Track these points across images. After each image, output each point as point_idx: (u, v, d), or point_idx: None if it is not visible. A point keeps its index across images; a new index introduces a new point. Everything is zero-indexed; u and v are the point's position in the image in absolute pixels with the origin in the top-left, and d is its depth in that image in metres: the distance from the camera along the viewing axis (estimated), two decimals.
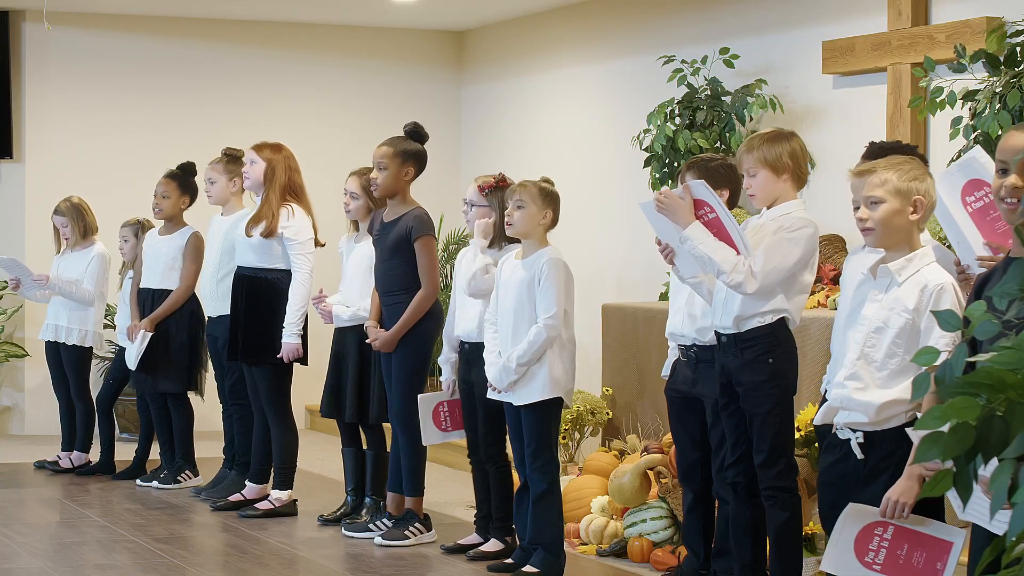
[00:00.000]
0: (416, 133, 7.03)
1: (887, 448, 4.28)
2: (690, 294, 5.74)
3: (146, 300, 8.53)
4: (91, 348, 9.18)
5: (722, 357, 5.35)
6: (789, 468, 5.27)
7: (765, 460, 5.24)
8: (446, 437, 6.98)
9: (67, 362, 9.16)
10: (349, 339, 7.30)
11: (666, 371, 6.08)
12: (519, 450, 6.25)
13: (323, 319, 7.52)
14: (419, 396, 6.87)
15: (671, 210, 5.25)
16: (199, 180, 8.50)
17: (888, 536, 4.17)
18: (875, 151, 4.91)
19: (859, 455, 4.33)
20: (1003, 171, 3.80)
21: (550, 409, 6.20)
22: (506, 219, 6.23)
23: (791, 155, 5.30)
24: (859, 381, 4.32)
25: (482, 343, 6.49)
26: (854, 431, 4.35)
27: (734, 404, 5.32)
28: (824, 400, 4.50)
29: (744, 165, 5.34)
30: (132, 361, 8.47)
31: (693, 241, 5.18)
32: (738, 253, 5.14)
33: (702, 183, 5.27)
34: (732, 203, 5.84)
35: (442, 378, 6.96)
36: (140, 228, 8.91)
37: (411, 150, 6.97)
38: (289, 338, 7.55)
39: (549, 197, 6.22)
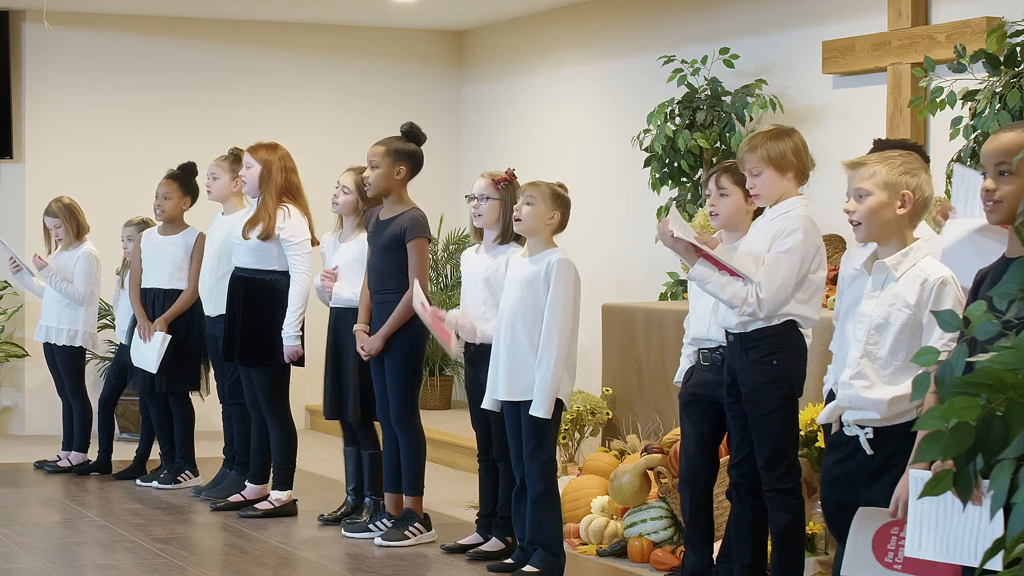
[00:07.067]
0: (411, 133, 7.03)
1: (896, 444, 4.24)
2: None
3: (155, 300, 8.52)
4: (83, 348, 9.17)
5: (728, 356, 5.33)
6: (791, 470, 5.25)
7: (767, 462, 5.22)
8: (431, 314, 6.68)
9: (60, 362, 9.15)
10: (342, 324, 7.26)
11: (679, 378, 5.95)
12: (517, 448, 6.25)
13: (318, 295, 7.49)
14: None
15: (674, 250, 5.25)
16: (202, 175, 8.47)
17: (904, 535, 4.15)
18: (881, 148, 4.88)
19: (868, 451, 4.30)
20: (1001, 173, 3.73)
21: (554, 410, 6.19)
22: (514, 214, 6.22)
23: (794, 152, 5.28)
24: (865, 379, 4.28)
25: (488, 345, 6.45)
26: (862, 427, 4.32)
27: (739, 405, 5.31)
28: (830, 398, 4.47)
29: (747, 164, 5.29)
30: (153, 363, 8.42)
31: (700, 281, 5.18)
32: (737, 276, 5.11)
33: (675, 217, 5.20)
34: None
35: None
36: (144, 227, 8.90)
37: (404, 149, 6.96)
38: (289, 340, 7.55)
39: (559, 200, 6.17)
